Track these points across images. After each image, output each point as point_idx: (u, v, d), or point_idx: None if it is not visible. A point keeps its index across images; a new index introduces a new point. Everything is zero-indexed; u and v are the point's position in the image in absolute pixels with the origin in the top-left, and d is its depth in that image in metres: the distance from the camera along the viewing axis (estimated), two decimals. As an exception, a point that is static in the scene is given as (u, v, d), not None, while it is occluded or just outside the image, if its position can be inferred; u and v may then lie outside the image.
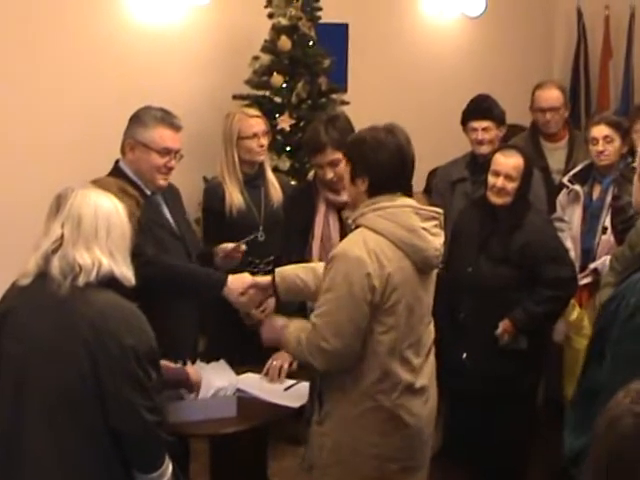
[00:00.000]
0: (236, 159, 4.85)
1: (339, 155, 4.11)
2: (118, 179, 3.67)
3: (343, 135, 4.09)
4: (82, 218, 2.88)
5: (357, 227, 3.39)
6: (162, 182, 4.05)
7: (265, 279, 3.82)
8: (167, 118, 4.02)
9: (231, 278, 3.88)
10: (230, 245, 4.24)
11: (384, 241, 3.29)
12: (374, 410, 3.36)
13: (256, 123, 4.89)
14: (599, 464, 1.78)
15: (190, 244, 4.22)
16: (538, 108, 5.79)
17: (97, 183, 3.25)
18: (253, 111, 4.99)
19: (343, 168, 4.13)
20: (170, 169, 4.05)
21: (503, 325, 4.57)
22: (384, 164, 3.35)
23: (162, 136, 3.99)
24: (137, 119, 4.04)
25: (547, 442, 5.14)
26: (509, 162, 4.63)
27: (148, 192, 4.06)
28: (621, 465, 1.73)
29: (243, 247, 4.25)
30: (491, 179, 4.66)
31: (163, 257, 3.89)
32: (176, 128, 4.04)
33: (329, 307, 3.28)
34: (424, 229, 3.35)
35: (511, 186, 4.61)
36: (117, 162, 4.08)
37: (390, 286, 3.26)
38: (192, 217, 5.10)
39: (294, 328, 3.45)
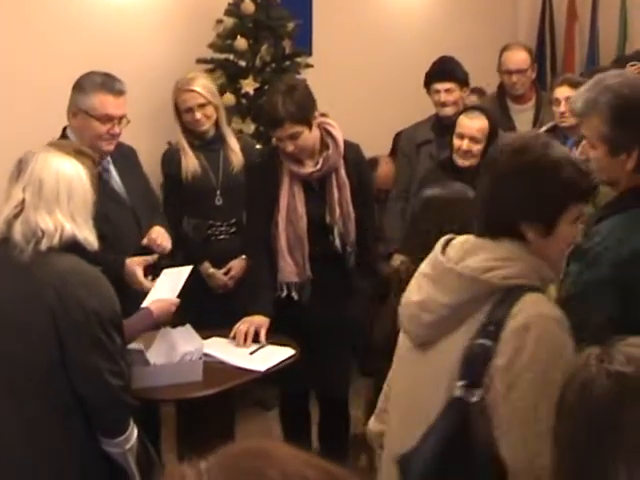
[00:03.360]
0: (179, 127, 4.81)
1: (298, 128, 4.10)
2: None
3: (301, 107, 4.08)
4: (43, 182, 2.85)
5: None
6: (107, 147, 4.00)
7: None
8: (108, 83, 3.93)
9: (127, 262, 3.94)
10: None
11: None
12: None
13: (190, 97, 4.74)
14: (578, 432, 1.76)
15: (141, 212, 4.18)
16: (505, 70, 5.82)
17: (53, 145, 3.18)
18: (193, 82, 4.80)
19: (304, 140, 4.14)
20: (114, 135, 3.98)
21: None
22: None
23: (102, 102, 3.91)
24: (78, 86, 3.97)
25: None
26: (473, 124, 4.63)
27: None
28: (606, 428, 1.71)
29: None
30: (456, 142, 4.65)
31: None
32: (117, 93, 3.94)
33: None
34: None
35: (477, 148, 4.61)
36: (64, 129, 4.04)
37: None
38: (157, 183, 5.07)
39: None
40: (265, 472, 1.12)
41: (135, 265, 3.93)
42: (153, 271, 4.03)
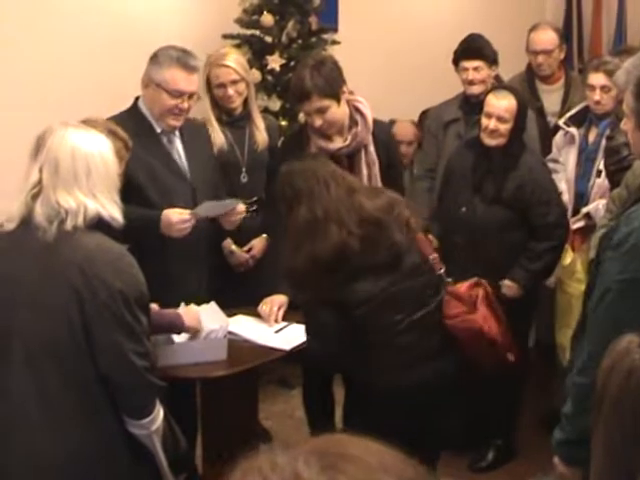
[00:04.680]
0: (208, 102, 4.73)
1: (326, 102, 4.08)
2: (109, 120, 3.62)
3: (329, 81, 4.07)
4: (59, 162, 2.79)
5: None
6: (173, 122, 4.02)
7: None
8: (182, 59, 3.94)
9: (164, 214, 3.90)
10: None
11: None
12: None
13: (223, 73, 4.67)
14: (624, 419, 1.73)
15: (201, 189, 4.14)
16: (532, 50, 5.75)
17: (86, 123, 3.15)
18: (227, 57, 4.73)
19: (332, 114, 4.11)
20: (182, 110, 3.99)
21: (507, 287, 4.56)
22: None
23: (174, 77, 3.92)
24: (154, 57, 3.99)
25: (537, 386, 5.15)
26: (501, 104, 4.57)
27: (158, 130, 4.04)
28: None
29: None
30: (484, 121, 4.60)
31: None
32: (191, 70, 3.95)
33: None
34: None
35: (504, 127, 4.56)
36: (137, 98, 4.07)
37: None
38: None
39: None
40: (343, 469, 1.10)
41: (169, 214, 3.90)
42: None
